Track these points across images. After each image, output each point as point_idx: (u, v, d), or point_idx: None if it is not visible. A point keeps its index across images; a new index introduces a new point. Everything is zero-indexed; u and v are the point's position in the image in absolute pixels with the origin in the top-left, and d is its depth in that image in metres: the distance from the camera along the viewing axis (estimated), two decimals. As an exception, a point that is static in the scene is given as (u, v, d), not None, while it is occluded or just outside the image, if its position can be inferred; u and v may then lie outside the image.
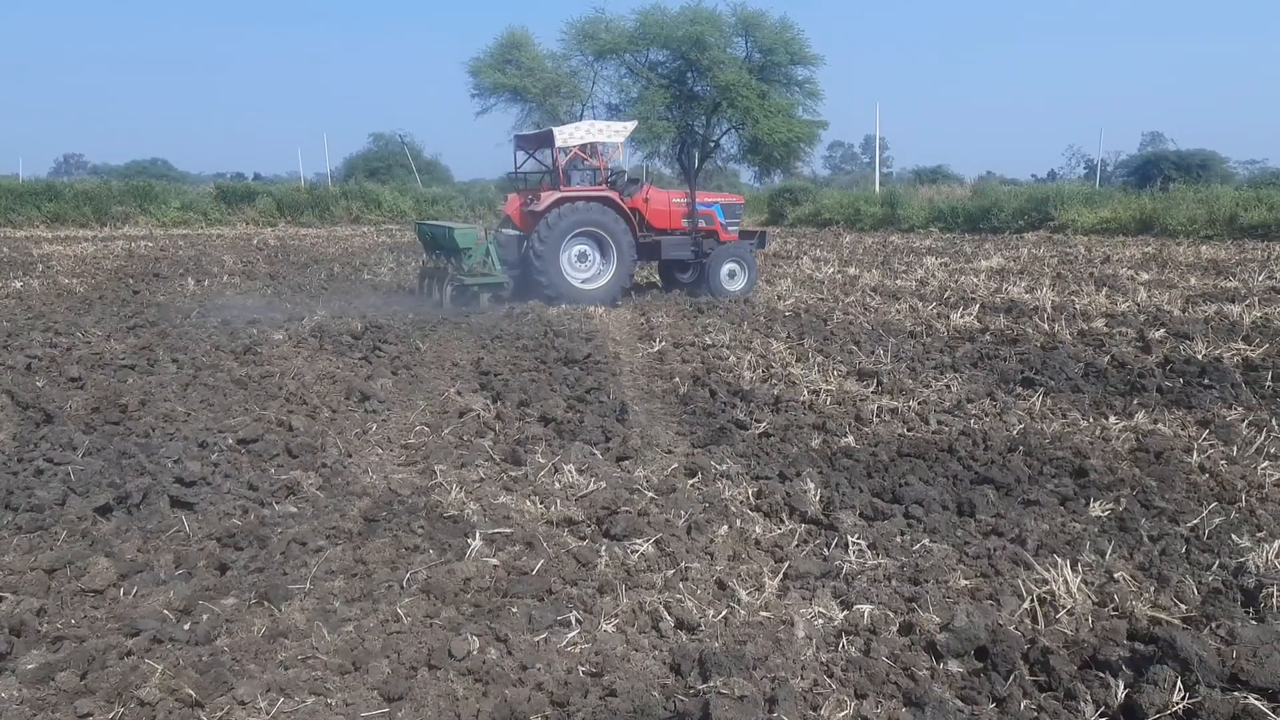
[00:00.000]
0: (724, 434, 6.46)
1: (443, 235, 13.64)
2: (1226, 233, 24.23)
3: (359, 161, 55.25)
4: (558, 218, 13.12)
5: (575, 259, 13.62)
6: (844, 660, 3.47)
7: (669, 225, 14.55)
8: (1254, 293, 12.89)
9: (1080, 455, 5.76)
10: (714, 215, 14.98)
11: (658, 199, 14.59)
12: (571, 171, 13.90)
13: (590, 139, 14.04)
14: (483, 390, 7.90)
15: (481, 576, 4.20)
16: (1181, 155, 42.88)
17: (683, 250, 14.58)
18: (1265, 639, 3.19)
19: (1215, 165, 41.42)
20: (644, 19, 41.85)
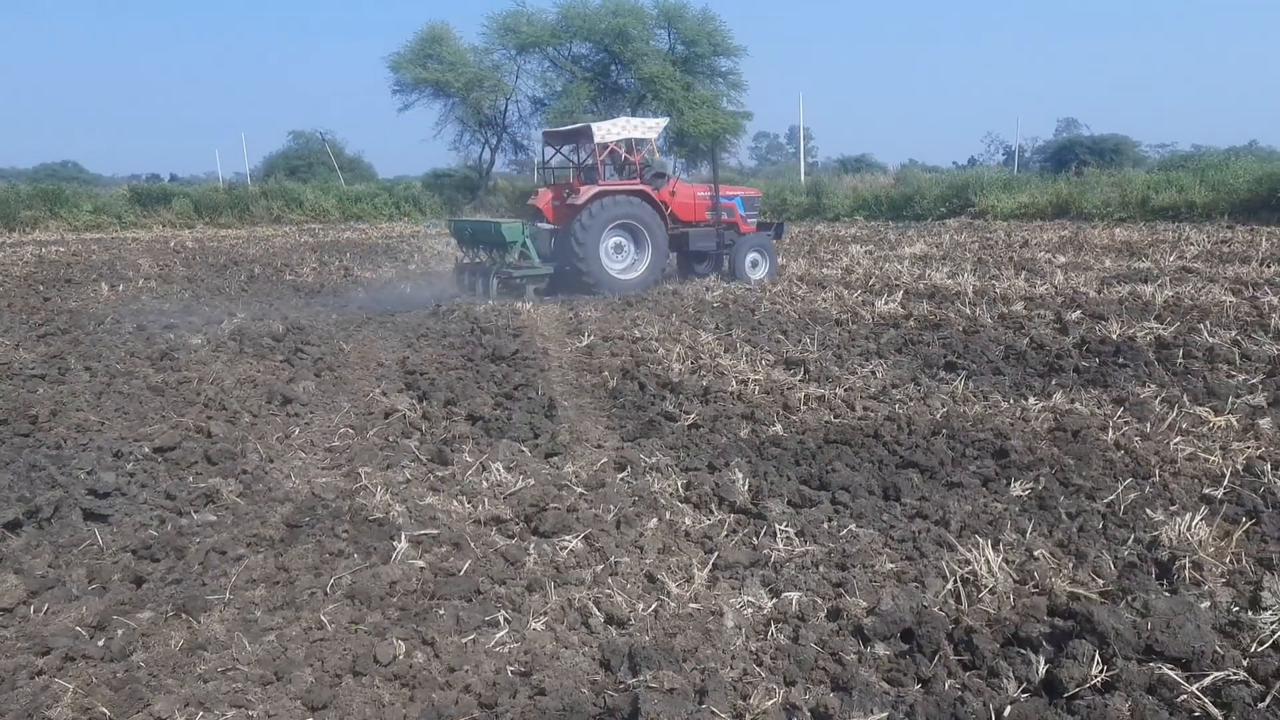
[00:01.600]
0: (653, 427, 6.45)
1: (486, 230, 14.26)
2: (1139, 215, 24.92)
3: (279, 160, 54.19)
4: (598, 210, 13.66)
5: (612, 250, 14.13)
6: (773, 648, 3.49)
7: (694, 217, 15.11)
8: (1165, 273, 13.26)
9: (1001, 436, 5.86)
10: (735, 208, 15.56)
11: (684, 192, 15.15)
12: (608, 166, 14.51)
13: (627, 134, 14.46)
14: (408, 390, 7.79)
15: (408, 579, 4.13)
16: (1095, 140, 44.05)
17: (708, 241, 15.11)
18: (1178, 610, 3.27)
19: (1127, 149, 42.62)
20: (566, 12, 41.76)
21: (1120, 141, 43.36)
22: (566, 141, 15.57)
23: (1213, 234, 19.78)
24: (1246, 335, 8.56)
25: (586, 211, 13.64)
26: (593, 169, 14.55)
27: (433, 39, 42.57)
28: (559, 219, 14.34)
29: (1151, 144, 49.31)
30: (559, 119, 40.91)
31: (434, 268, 18.54)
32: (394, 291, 14.95)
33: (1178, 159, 33.58)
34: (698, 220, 15.16)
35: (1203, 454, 5.36)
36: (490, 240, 14.17)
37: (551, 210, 14.51)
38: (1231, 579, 3.81)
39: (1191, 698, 2.92)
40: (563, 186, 14.75)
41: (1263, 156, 32.79)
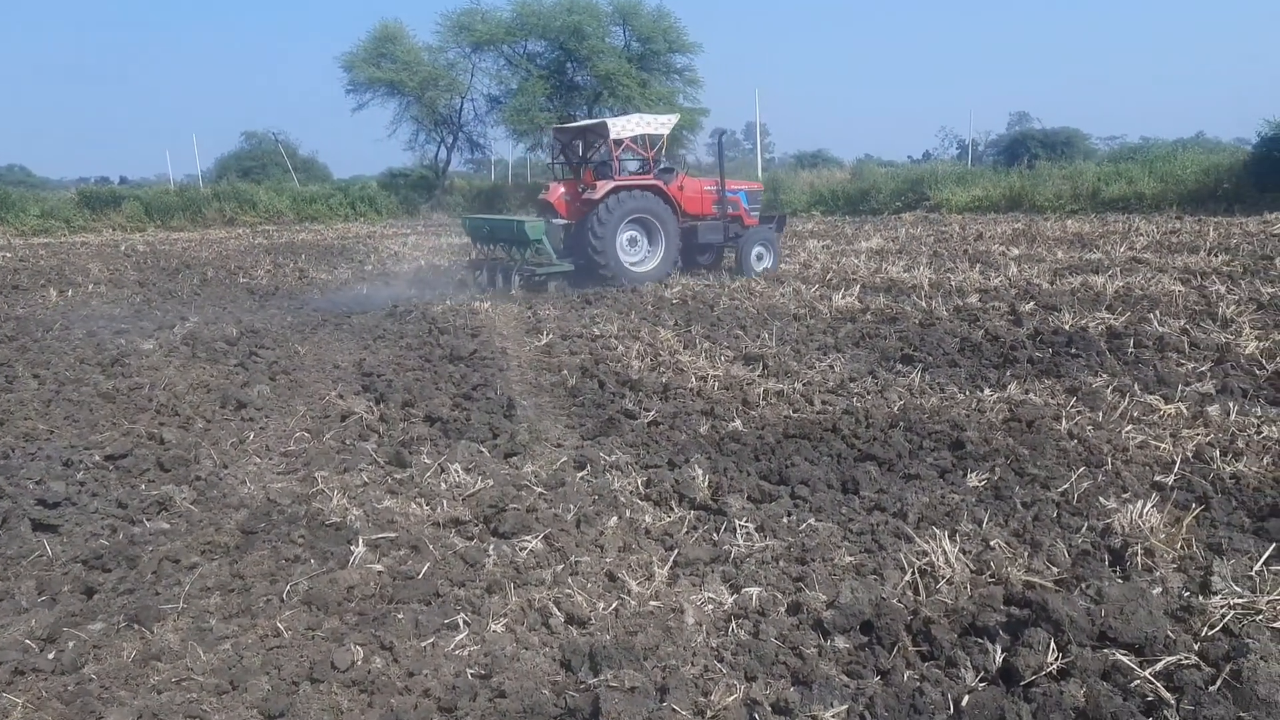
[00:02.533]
0: (613, 425, 6.44)
1: (507, 228, 14.63)
2: (1090, 207, 25.29)
3: (231, 161, 53.41)
4: (615, 204, 13.93)
5: (627, 244, 14.41)
6: (734, 644, 3.49)
7: (701, 211, 15.41)
8: (1116, 264, 13.47)
9: (957, 428, 5.92)
10: (739, 201, 15.76)
11: (691, 187, 15.38)
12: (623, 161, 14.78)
13: (641, 130, 14.73)
14: (365, 392, 7.72)
15: (365, 584, 4.09)
16: (1047, 134, 44.46)
17: (716, 235, 15.37)
18: (1131, 596, 3.32)
19: (1078, 142, 43.08)
20: (520, 9, 41.58)
21: (1071, 134, 43.81)
22: (577, 137, 15.83)
23: (1162, 224, 20.10)
24: (1195, 324, 8.71)
25: (604, 206, 13.90)
26: (604, 164, 14.81)
27: (386, 38, 42.18)
28: (571, 214, 14.68)
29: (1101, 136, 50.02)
30: (515, 117, 40.76)
31: (391, 269, 18.37)
32: (350, 293, 14.78)
33: (1127, 151, 34.06)
34: (704, 214, 15.47)
35: (1153, 442, 5.45)
36: (511, 238, 14.43)
37: (564, 205, 14.78)
38: (1182, 564, 3.87)
39: (1144, 682, 2.97)
40: (575, 182, 15.08)
41: (1209, 148, 33.37)
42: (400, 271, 17.68)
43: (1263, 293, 10.12)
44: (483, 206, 43.27)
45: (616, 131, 14.42)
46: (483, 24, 41.47)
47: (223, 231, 33.76)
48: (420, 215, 41.58)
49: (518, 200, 45.47)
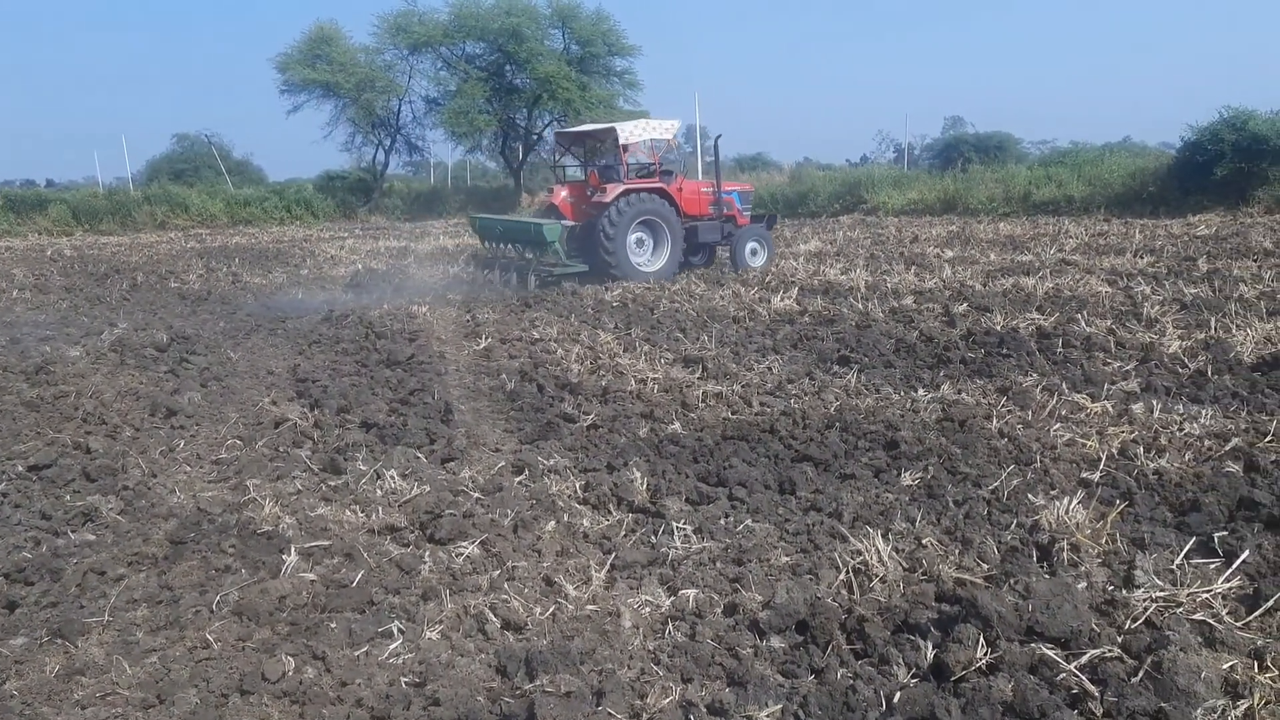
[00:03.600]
0: (552, 428, 6.42)
1: (523, 230, 15.14)
2: (1021, 210, 25.81)
3: (162, 164, 52.28)
4: (624, 206, 14.43)
5: (634, 244, 14.91)
6: (670, 646, 3.50)
7: (699, 212, 15.88)
8: (1046, 265, 13.77)
9: (892, 428, 6.00)
10: (733, 202, 16.37)
11: (689, 188, 15.89)
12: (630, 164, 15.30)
13: (648, 135, 15.32)
14: (300, 398, 7.60)
15: (298, 593, 4.03)
16: (980, 138, 45.20)
17: (714, 234, 15.93)
18: (1057, 591, 3.38)
19: (1010, 146, 43.87)
20: (458, 11, 41.32)
21: (1004, 139, 44.59)
22: (580, 141, 16.34)
23: (1090, 227, 20.60)
24: (1121, 324, 8.93)
25: (614, 209, 14.36)
26: (610, 168, 15.31)
27: (321, 39, 41.61)
28: (576, 216, 15.16)
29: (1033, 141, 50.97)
30: (454, 120, 40.45)
31: (327, 273, 18.13)
32: (285, 298, 14.55)
33: (1057, 155, 34.76)
34: (702, 214, 15.92)
35: (1080, 439, 5.58)
36: (527, 239, 14.94)
37: (568, 207, 15.27)
38: (1107, 559, 3.97)
39: (1070, 676, 3.03)
40: (580, 185, 15.59)
41: (1135, 152, 34.23)
42: (337, 275, 17.45)
43: (1185, 293, 10.41)
44: (421, 210, 42.93)
45: (625, 136, 14.88)
46: (420, 26, 41.13)
47: (154, 235, 33.03)
48: (358, 218, 41.07)
49: (457, 203, 45.17)
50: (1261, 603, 3.45)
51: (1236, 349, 7.52)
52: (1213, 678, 2.94)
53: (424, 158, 52.44)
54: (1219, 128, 22.18)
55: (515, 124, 45.11)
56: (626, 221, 14.53)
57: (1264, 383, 6.51)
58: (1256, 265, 12.51)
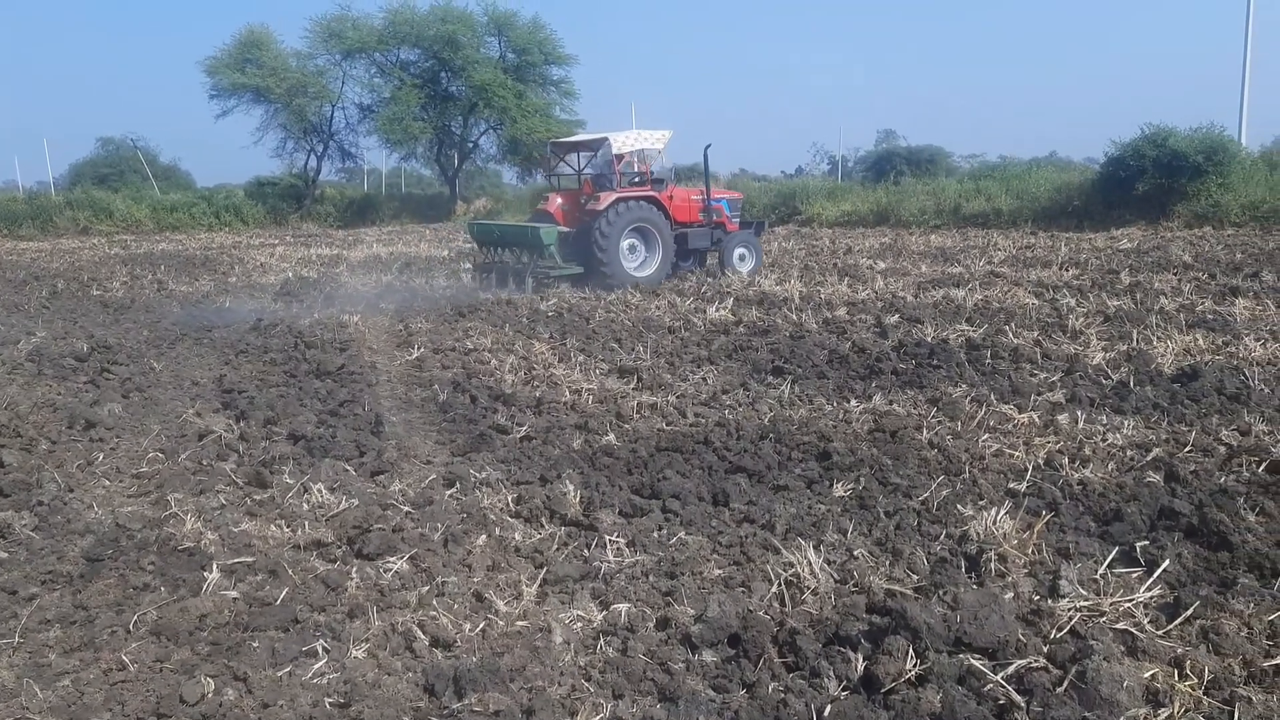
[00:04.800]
0: (484, 440, 6.35)
1: (520, 234, 15.57)
2: (952, 222, 26.35)
3: (86, 168, 50.98)
4: (617, 214, 14.87)
5: (627, 251, 15.31)
6: (601, 662, 3.46)
7: (689, 219, 16.30)
8: (975, 277, 14.04)
9: (825, 439, 6.03)
10: (722, 209, 16.80)
11: (680, 196, 16.31)
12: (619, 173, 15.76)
13: (640, 145, 15.82)
14: (225, 409, 7.41)
15: (219, 611, 3.91)
16: (912, 151, 46.03)
17: (704, 240, 16.43)
18: (984, 602, 3.42)
19: (941, 160, 44.75)
20: (393, 17, 41.02)
21: (935, 152, 45.46)
22: (573, 151, 16.80)
23: (1018, 240, 21.09)
24: (1047, 335, 9.12)
25: (605, 217, 14.78)
26: (602, 176, 15.88)
27: (251, 43, 40.97)
28: (570, 222, 15.53)
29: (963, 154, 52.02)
30: (388, 126, 40.09)
31: (256, 280, 17.77)
32: (212, 306, 14.23)
33: (986, 169, 35.56)
34: (692, 221, 16.34)
35: (1008, 450, 5.67)
36: (524, 243, 15.30)
37: (562, 214, 15.64)
38: (1033, 569, 4.03)
39: (996, 686, 3.06)
40: (573, 193, 16.10)
41: (1061, 167, 35.15)
42: (267, 284, 17.12)
43: (1109, 305, 10.68)
44: (354, 217, 42.43)
45: (618, 146, 15.41)
46: (354, 31, 40.73)
47: (76, 241, 32.14)
48: (289, 225, 40.44)
49: (391, 210, 44.69)
50: (1181, 611, 3.52)
51: (1157, 361, 7.72)
52: (1135, 686, 2.99)
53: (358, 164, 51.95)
54: (1140, 144, 22.86)
55: (451, 131, 44.88)
56: (619, 228, 14.94)
57: (1183, 394, 6.68)
58: (1176, 279, 12.88)
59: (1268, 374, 7.12)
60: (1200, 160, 21.85)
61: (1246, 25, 29.56)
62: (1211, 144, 22.29)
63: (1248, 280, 12.31)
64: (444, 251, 24.31)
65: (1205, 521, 4.29)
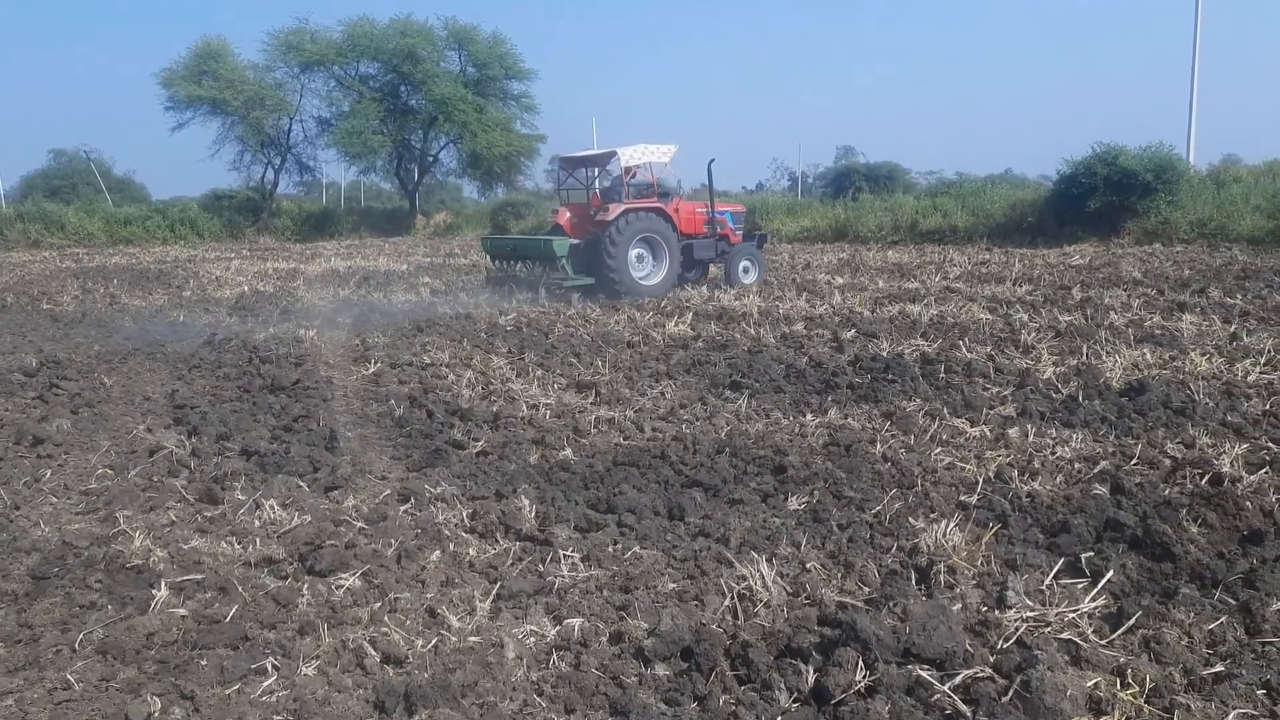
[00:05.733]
0: (440, 455, 6.32)
1: (534, 246, 16.10)
2: (909, 238, 26.67)
3: (38, 180, 50.28)
4: (625, 224, 15.33)
5: (635, 260, 15.75)
6: (554, 676, 3.46)
7: (694, 231, 16.84)
8: (931, 293, 14.22)
9: (780, 453, 6.07)
10: (726, 221, 17.34)
11: (685, 209, 16.86)
12: (630, 185, 16.36)
13: (646, 159, 16.30)
14: (177, 425, 7.32)
15: (167, 629, 3.86)
16: (871, 167, 46.49)
17: (709, 251, 16.99)
18: (933, 613, 3.46)
19: (899, 176, 45.24)
20: (352, 31, 40.87)
21: (893, 169, 45.95)
22: (582, 166, 17.54)
23: (973, 256, 21.37)
24: (1000, 350, 9.26)
25: (615, 227, 15.23)
26: (610, 190, 16.58)
27: (208, 55, 40.62)
28: (578, 235, 16.01)
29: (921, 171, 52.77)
30: (347, 140, 39.89)
31: (211, 295, 17.57)
32: (165, 320, 14.05)
33: (943, 186, 36.03)
34: (697, 233, 16.86)
35: (959, 463, 5.74)
36: (538, 254, 15.79)
37: (571, 227, 16.19)
38: (981, 580, 4.08)
39: (944, 697, 3.10)
40: (582, 206, 16.74)
41: (1016, 184, 35.72)
42: (222, 298, 16.94)
43: (1060, 320, 10.86)
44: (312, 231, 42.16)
45: (626, 160, 15.98)
46: (312, 44, 40.54)
47: (26, 254, 31.59)
48: (245, 239, 40.06)
49: (350, 224, 44.40)
50: (1124, 621, 3.59)
51: (1106, 375, 7.86)
52: (1078, 695, 3.04)
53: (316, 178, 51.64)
54: (1092, 162, 23.28)
55: (410, 145, 44.77)
56: (627, 239, 15.39)
57: (1130, 407, 6.81)
58: (1126, 294, 13.12)
59: (1212, 388, 7.27)
60: (1150, 178, 22.29)
61: (1194, 48, 30.30)
62: (1161, 162, 22.75)
63: (1195, 296, 12.58)
64: (403, 266, 24.20)
65: (1149, 533, 4.38)
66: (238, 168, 44.76)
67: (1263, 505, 4.75)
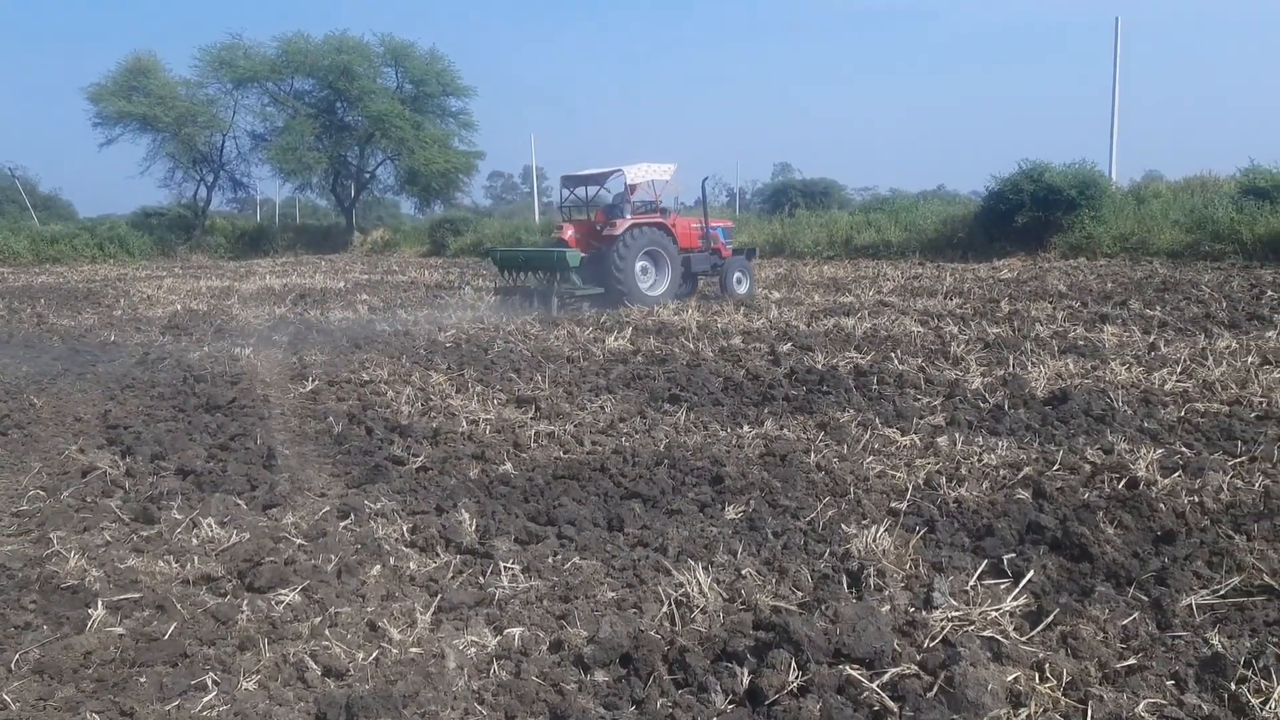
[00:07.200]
0: (380, 472, 6.33)
1: (546, 257, 16.85)
2: (844, 253, 27.13)
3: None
4: (632, 238, 16.33)
5: (639, 272, 16.66)
6: (494, 685, 3.52)
7: (691, 245, 17.75)
8: (865, 306, 14.52)
9: (718, 464, 6.19)
10: (718, 236, 18.30)
11: (682, 224, 17.79)
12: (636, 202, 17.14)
13: (649, 177, 17.10)
14: (111, 445, 7.23)
15: (105, 648, 3.84)
16: (807, 183, 47.09)
17: (704, 264, 17.88)
18: (862, 614, 3.59)
19: (835, 192, 45.91)
20: (286, 46, 40.51)
21: (829, 185, 46.60)
22: (583, 184, 18.32)
23: (906, 270, 21.83)
24: (930, 362, 9.50)
25: (623, 240, 16.20)
26: (614, 206, 17.24)
27: (138, 70, 39.98)
28: (583, 248, 16.63)
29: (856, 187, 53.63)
30: (282, 156, 39.50)
31: (143, 313, 17.28)
32: (96, 340, 13.79)
33: (878, 202, 36.70)
34: (693, 247, 17.75)
35: (891, 471, 5.91)
36: (550, 265, 16.56)
37: (575, 241, 16.76)
38: (909, 583, 4.23)
39: (872, 694, 3.22)
40: (583, 222, 17.61)
41: (948, 200, 36.48)
42: (154, 317, 16.67)
43: (989, 332, 11.18)
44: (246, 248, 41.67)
45: (631, 177, 16.77)
46: (245, 60, 40.09)
47: (-52, 273, 30.71)
48: (178, 256, 39.40)
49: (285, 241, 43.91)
50: (1043, 618, 3.75)
51: (1031, 385, 8.11)
52: (998, 689, 3.18)
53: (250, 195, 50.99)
54: (1019, 179, 23.91)
55: (347, 162, 44.43)
56: (634, 251, 16.37)
57: (1054, 415, 7.05)
58: (1051, 307, 13.54)
59: (1131, 396, 7.55)
60: (1074, 194, 22.95)
61: (1114, 68, 31.30)
62: (1084, 179, 23.46)
63: (1117, 308, 13.02)
64: (340, 283, 24.00)
65: (1068, 535, 4.56)
66: (169, 185, 44.09)
67: (1175, 507, 4.98)
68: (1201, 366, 8.54)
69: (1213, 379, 7.98)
